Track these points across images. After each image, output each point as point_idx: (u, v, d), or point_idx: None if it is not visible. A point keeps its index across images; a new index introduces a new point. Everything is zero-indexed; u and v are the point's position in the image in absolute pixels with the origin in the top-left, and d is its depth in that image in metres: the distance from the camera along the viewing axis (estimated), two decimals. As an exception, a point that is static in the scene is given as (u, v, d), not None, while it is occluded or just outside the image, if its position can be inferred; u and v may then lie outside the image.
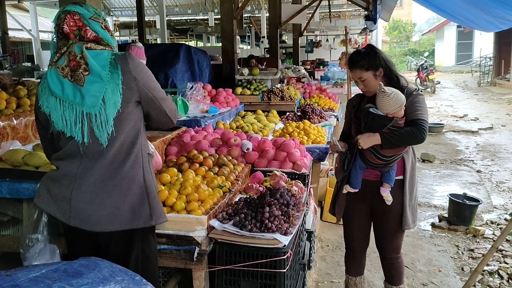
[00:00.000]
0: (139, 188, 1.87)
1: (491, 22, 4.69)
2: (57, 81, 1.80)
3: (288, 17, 9.54)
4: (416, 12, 41.63)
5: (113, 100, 1.79)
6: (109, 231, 1.82)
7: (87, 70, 1.78)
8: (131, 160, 1.86)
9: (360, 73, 2.56)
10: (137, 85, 1.85)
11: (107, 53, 1.85)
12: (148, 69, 1.95)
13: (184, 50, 6.31)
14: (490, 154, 8.11)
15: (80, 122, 1.79)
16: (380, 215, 2.75)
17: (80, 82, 1.78)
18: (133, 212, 1.85)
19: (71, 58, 1.79)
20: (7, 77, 5.62)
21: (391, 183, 2.62)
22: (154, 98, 1.92)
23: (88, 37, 1.84)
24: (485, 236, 4.47)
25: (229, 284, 2.29)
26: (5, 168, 2.55)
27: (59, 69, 1.81)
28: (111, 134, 1.80)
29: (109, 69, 1.80)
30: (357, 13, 19.28)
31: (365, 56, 2.56)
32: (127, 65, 1.83)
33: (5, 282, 0.88)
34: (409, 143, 2.52)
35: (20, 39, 18.41)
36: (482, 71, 21.06)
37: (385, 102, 2.40)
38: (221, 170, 2.96)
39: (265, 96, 6.28)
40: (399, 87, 2.52)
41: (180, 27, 23.40)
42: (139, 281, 1.04)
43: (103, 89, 1.78)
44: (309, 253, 3.30)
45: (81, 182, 1.81)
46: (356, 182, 2.69)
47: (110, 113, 1.79)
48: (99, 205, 1.80)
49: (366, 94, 2.66)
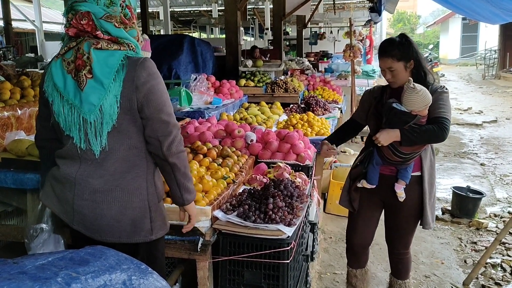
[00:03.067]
0: (140, 201, 1.78)
1: (497, 14, 4.66)
2: (60, 75, 1.69)
3: (292, 8, 9.49)
4: (421, 4, 41.44)
5: (109, 112, 1.66)
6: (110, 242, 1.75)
7: (91, 73, 1.64)
8: (133, 173, 1.76)
9: (391, 62, 2.45)
10: (136, 97, 1.68)
11: (119, 55, 1.67)
12: (161, 82, 1.75)
13: (187, 42, 6.29)
14: (494, 147, 8.09)
15: (77, 124, 1.69)
16: (394, 210, 2.70)
17: (82, 85, 1.66)
18: (134, 226, 1.77)
19: (78, 55, 1.66)
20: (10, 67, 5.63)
21: (406, 180, 2.56)
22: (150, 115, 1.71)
23: (102, 38, 1.68)
24: (488, 229, 4.46)
25: (232, 274, 2.30)
26: (10, 158, 2.56)
27: (65, 62, 1.69)
28: (109, 146, 1.70)
29: (114, 76, 1.65)
30: (362, 5, 19.12)
31: (399, 45, 2.45)
32: (133, 73, 1.67)
33: (12, 269, 0.88)
34: (429, 141, 2.46)
35: (24, 30, 18.38)
36: (487, 64, 20.95)
37: (413, 99, 2.31)
38: (225, 162, 2.96)
39: (269, 88, 6.27)
40: (425, 83, 2.44)
41: (183, 18, 23.29)
42: (145, 269, 1.05)
43: (102, 99, 1.65)
44: (312, 244, 3.31)
45: (81, 189, 1.73)
46: (373, 178, 2.63)
47: (105, 126, 1.67)
48: (99, 215, 1.73)
49: (392, 85, 2.55)
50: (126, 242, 1.77)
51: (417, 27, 41.73)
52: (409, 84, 2.32)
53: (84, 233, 1.77)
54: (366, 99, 2.74)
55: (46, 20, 18.03)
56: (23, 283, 0.84)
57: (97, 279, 0.94)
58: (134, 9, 1.79)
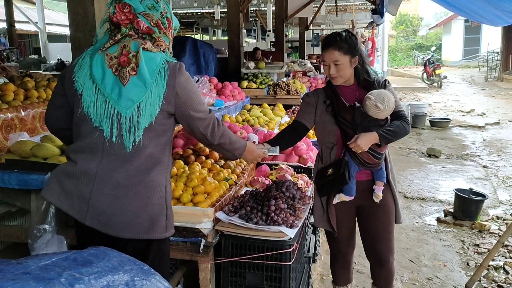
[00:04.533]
0: (160, 198, 1.82)
1: (500, 16, 4.66)
2: (100, 68, 1.74)
3: (294, 10, 9.52)
4: (423, 6, 41.34)
5: (150, 111, 1.74)
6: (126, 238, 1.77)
7: (134, 71, 1.72)
8: (156, 170, 1.81)
9: (338, 55, 2.35)
10: (175, 101, 1.79)
11: (160, 58, 1.77)
12: (194, 84, 1.88)
13: (190, 44, 6.32)
14: (497, 149, 8.07)
15: (110, 118, 1.73)
16: (371, 214, 2.57)
17: (124, 80, 1.72)
18: (152, 222, 1.80)
19: (124, 52, 1.73)
20: (14, 69, 5.66)
21: (384, 180, 2.49)
22: (190, 117, 1.86)
23: (141, 28, 1.76)
24: (490, 231, 4.46)
25: (234, 276, 2.31)
26: (14, 159, 2.57)
27: (108, 57, 1.74)
28: (138, 143, 1.75)
29: (156, 77, 1.74)
30: (364, 6, 19.14)
31: (347, 39, 2.38)
32: (173, 78, 1.77)
33: (16, 270, 0.89)
34: (401, 137, 2.44)
35: (27, 32, 18.46)
36: (490, 66, 20.90)
37: (381, 113, 2.32)
38: (227, 163, 2.97)
39: (271, 89, 6.28)
40: (369, 81, 2.45)
41: (186, 20, 23.35)
42: (148, 270, 1.06)
43: (142, 96, 1.72)
44: (314, 246, 3.32)
45: (102, 183, 1.74)
46: (351, 188, 2.46)
47: (142, 122, 1.74)
48: (120, 210, 1.75)
49: (335, 81, 2.44)
50: (143, 238, 1.79)
51: (420, 29, 41.67)
52: (371, 102, 2.30)
53: (97, 229, 1.76)
54: (311, 102, 2.55)
55: (49, 22, 18.11)
56: (27, 283, 0.84)
57: (100, 280, 0.94)
58: (172, 24, 1.89)
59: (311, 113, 2.55)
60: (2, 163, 2.53)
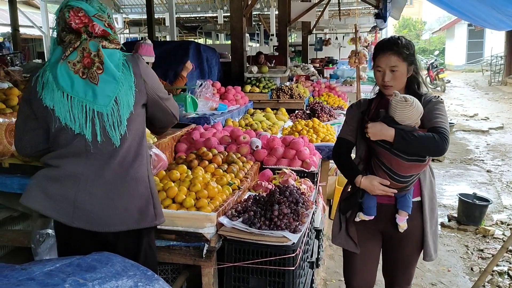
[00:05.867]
0: (145, 188, 1.90)
1: (503, 20, 4.66)
2: (66, 76, 1.75)
3: (298, 15, 9.53)
4: (427, 11, 41.43)
5: (126, 101, 1.81)
6: (117, 231, 1.84)
7: (101, 69, 1.77)
8: (138, 161, 1.88)
9: (397, 60, 2.13)
10: (146, 88, 1.88)
11: (119, 53, 1.86)
12: (152, 70, 1.99)
13: (193, 48, 6.33)
14: (501, 154, 8.05)
15: (91, 120, 1.77)
16: (395, 243, 2.34)
17: (94, 80, 1.77)
18: (141, 213, 1.87)
19: (85, 54, 1.77)
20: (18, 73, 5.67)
21: (408, 210, 2.20)
22: (160, 99, 1.96)
23: (96, 32, 1.81)
24: (494, 236, 4.43)
25: (237, 281, 2.30)
26: (17, 163, 2.57)
27: (70, 64, 1.76)
28: (124, 135, 1.82)
29: (122, 70, 1.81)
30: (367, 11, 19.16)
31: (407, 45, 2.17)
32: (137, 67, 1.86)
33: (20, 276, 0.89)
34: (427, 150, 2.04)
35: (31, 36, 18.55)
36: (493, 70, 20.86)
37: (407, 113, 2.03)
38: (230, 168, 2.96)
39: (274, 94, 6.29)
40: (418, 94, 2.19)
41: (189, 24, 23.43)
42: (151, 276, 1.05)
43: (116, 90, 1.79)
44: (317, 251, 3.30)
45: (88, 184, 1.79)
46: (371, 207, 2.25)
47: (123, 113, 1.80)
48: (109, 207, 1.80)
49: (387, 90, 2.19)
50: (133, 229, 1.85)
51: (423, 33, 41.68)
52: (396, 97, 2.04)
53: (87, 229, 1.79)
54: (354, 114, 2.36)
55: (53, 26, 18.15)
56: (31, 289, 0.84)
57: (104, 285, 0.94)
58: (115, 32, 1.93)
59: (352, 126, 2.35)
60: (6, 167, 2.54)
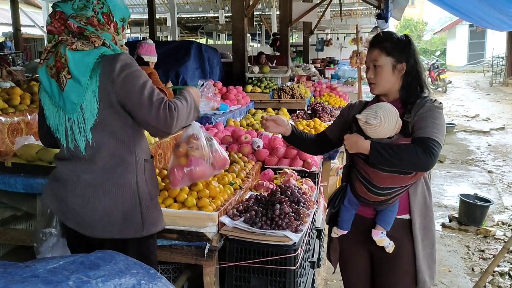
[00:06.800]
0: (131, 194, 1.81)
1: (505, 21, 4.66)
2: (46, 80, 1.77)
3: (299, 15, 9.52)
4: (428, 11, 41.38)
5: (89, 108, 1.72)
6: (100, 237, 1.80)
7: (70, 74, 1.71)
8: (123, 167, 1.80)
9: (378, 55, 1.98)
10: (114, 89, 1.71)
11: (95, 54, 1.72)
12: (135, 70, 1.76)
13: (195, 48, 6.34)
14: (502, 155, 8.04)
15: (63, 125, 1.78)
16: (384, 265, 2.09)
17: (62, 85, 1.73)
18: (125, 220, 1.80)
19: (57, 58, 1.73)
20: (20, 73, 5.69)
21: (385, 226, 1.99)
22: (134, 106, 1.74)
23: (73, 29, 1.76)
24: (496, 237, 4.44)
25: (239, 280, 2.31)
26: (20, 163, 2.58)
27: (48, 68, 1.77)
28: (96, 142, 1.76)
29: (90, 74, 1.70)
30: (369, 11, 19.17)
31: (396, 40, 1.99)
32: (108, 67, 1.71)
33: (24, 273, 0.90)
34: (408, 165, 1.82)
35: (33, 36, 18.59)
36: (494, 71, 20.85)
37: (378, 133, 1.84)
38: (232, 167, 2.97)
39: (275, 94, 6.29)
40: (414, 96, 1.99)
41: (190, 24, 23.45)
42: (154, 274, 1.06)
43: (81, 96, 1.71)
44: (318, 251, 3.31)
45: (74, 185, 1.81)
46: (343, 221, 2.09)
47: (88, 121, 1.74)
48: (91, 210, 1.79)
49: (372, 89, 2.05)
50: (117, 238, 1.79)
51: (424, 33, 41.66)
52: (361, 121, 1.84)
53: (76, 230, 1.83)
54: (343, 113, 2.23)
55: (55, 26, 18.18)
56: (36, 286, 0.85)
57: (107, 283, 0.95)
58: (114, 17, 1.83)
59: (339, 125, 2.23)
60: (9, 166, 2.55)
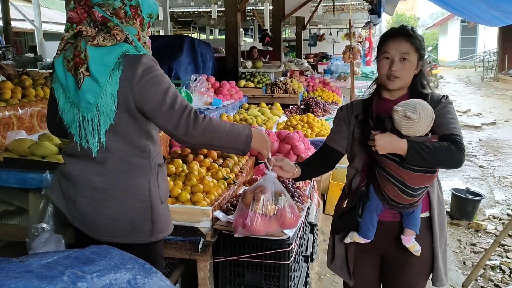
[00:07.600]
0: (141, 202, 1.74)
1: (497, 16, 4.68)
2: (63, 72, 1.69)
3: (292, 10, 9.52)
4: (420, 6, 41.51)
5: (106, 111, 1.63)
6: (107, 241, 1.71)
7: (88, 71, 1.61)
8: (134, 173, 1.73)
9: (409, 48, 1.83)
10: (133, 96, 1.64)
11: (117, 52, 1.62)
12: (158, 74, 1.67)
13: (188, 43, 6.31)
14: (493, 150, 8.11)
15: (77, 121, 1.69)
16: (398, 268, 2.00)
17: (79, 82, 1.63)
18: (133, 226, 1.74)
19: (76, 52, 1.63)
20: (11, 67, 5.63)
21: (416, 229, 1.87)
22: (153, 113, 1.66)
23: (97, 19, 1.65)
24: (487, 231, 4.48)
25: (233, 275, 2.31)
26: (12, 157, 2.56)
27: (65, 60, 1.67)
28: (108, 145, 1.69)
29: (109, 75, 1.61)
30: (361, 6, 19.17)
31: (421, 38, 1.90)
32: (130, 71, 1.62)
33: (18, 268, 0.89)
34: (443, 163, 1.74)
35: (23, 30, 18.36)
36: (486, 66, 21.00)
37: (414, 129, 1.70)
38: (226, 162, 2.97)
39: (269, 89, 6.29)
40: (423, 93, 1.89)
41: (183, 19, 23.33)
42: (149, 269, 1.06)
43: (98, 98, 1.62)
44: (312, 245, 3.32)
45: (83, 186, 1.73)
46: (369, 229, 1.90)
47: (103, 124, 1.65)
48: (99, 213, 1.72)
49: (392, 84, 1.85)
50: (124, 243, 1.71)
51: (416, 29, 41.76)
52: (398, 114, 1.70)
53: (83, 231, 1.77)
54: (343, 118, 2.05)
55: (46, 20, 18.03)
56: (30, 281, 0.84)
57: (103, 278, 0.94)
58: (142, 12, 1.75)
59: (342, 132, 2.05)
60: (0, 161, 2.52)
